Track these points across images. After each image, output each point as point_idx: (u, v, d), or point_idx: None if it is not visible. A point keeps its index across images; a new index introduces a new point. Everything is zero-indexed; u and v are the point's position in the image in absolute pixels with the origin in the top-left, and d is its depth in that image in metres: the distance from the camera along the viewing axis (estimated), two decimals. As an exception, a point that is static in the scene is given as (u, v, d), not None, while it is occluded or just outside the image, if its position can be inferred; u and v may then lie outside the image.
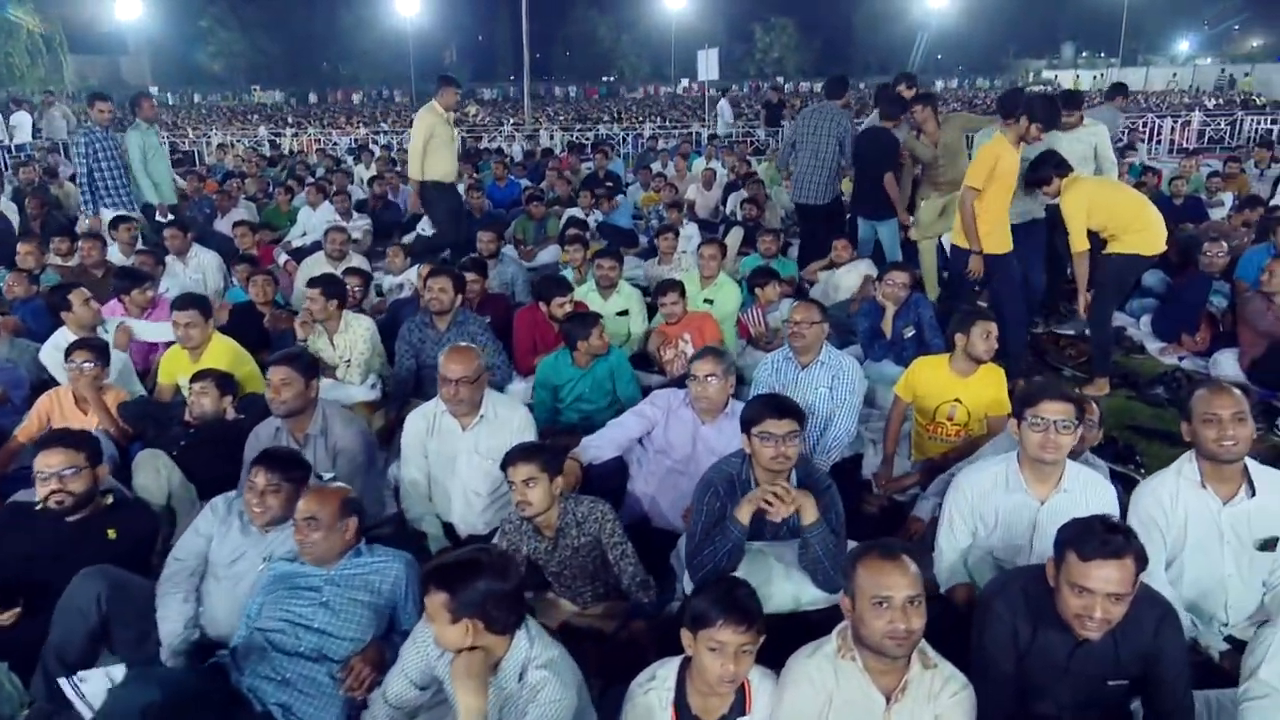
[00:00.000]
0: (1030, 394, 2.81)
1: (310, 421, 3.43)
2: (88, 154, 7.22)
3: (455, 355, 3.35)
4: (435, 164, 7.17)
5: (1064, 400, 2.73)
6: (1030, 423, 2.73)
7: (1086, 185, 5.08)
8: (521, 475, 2.75)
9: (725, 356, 3.48)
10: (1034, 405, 2.73)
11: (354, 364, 4.82)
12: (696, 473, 3.39)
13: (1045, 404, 2.71)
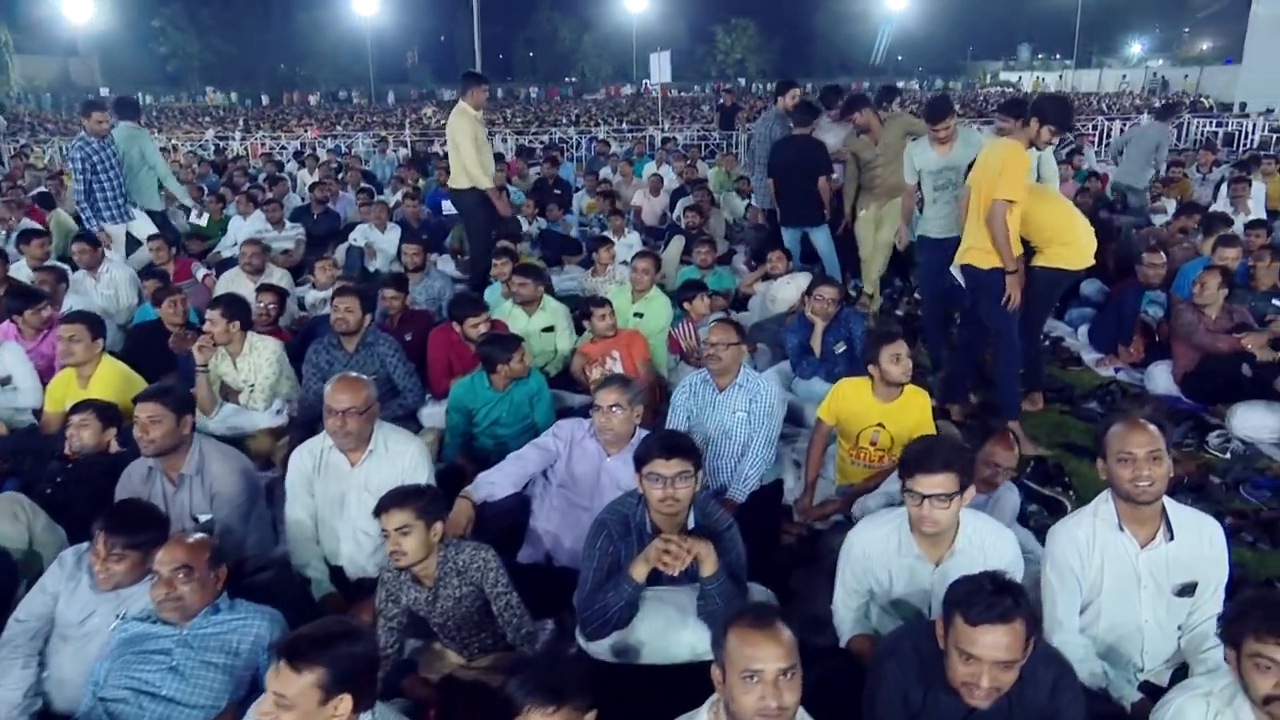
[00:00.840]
0: (908, 460, 2.56)
1: (185, 460, 3.20)
2: (84, 167, 6.92)
3: (343, 385, 3.13)
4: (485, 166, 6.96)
5: (943, 471, 2.47)
6: (909, 494, 2.52)
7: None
8: (395, 523, 2.55)
9: (631, 386, 3.30)
10: (910, 476, 2.51)
11: (258, 388, 4.57)
12: (600, 508, 3.23)
13: (920, 477, 2.48)
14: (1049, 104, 4.48)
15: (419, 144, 18.72)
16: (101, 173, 6.97)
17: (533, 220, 9.58)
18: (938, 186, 5.27)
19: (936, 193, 5.29)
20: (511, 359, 4.09)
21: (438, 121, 31.09)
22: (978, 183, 4.44)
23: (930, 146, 5.29)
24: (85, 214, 7.07)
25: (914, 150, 5.43)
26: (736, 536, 2.78)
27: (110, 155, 7.01)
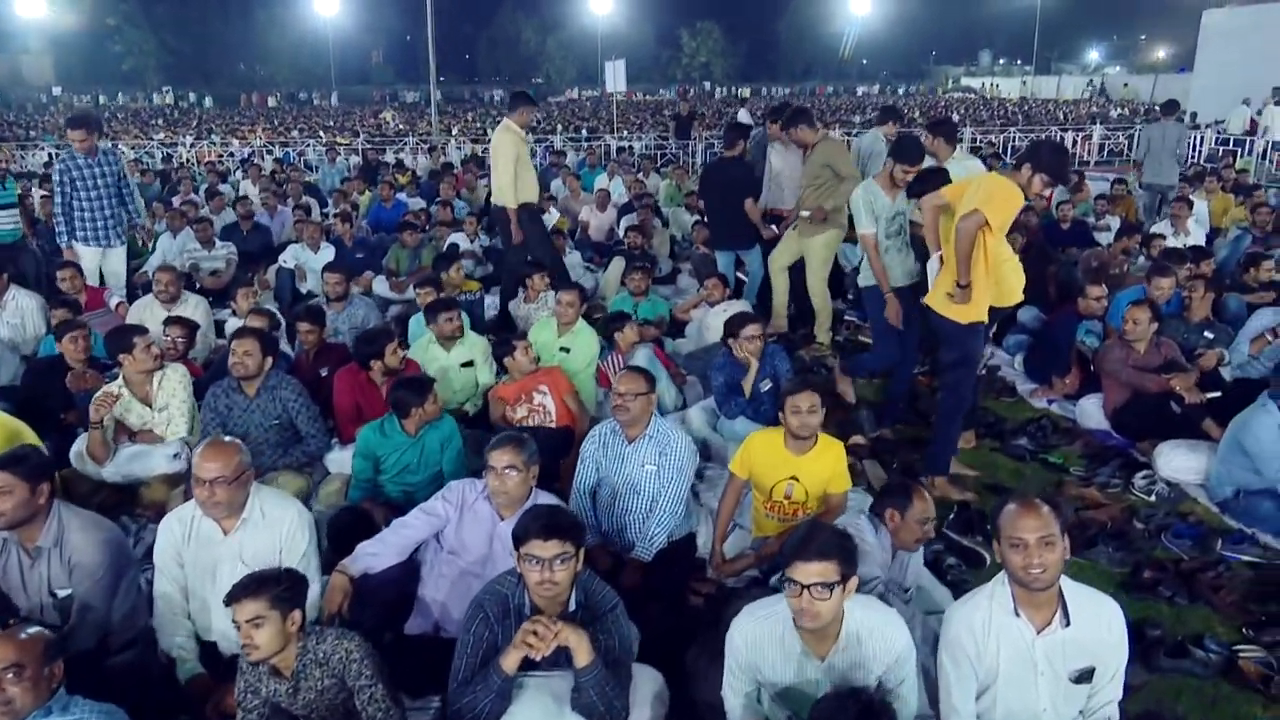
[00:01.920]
0: (788, 550, 2.41)
1: (42, 531, 2.98)
2: (63, 182, 6.57)
3: (211, 451, 2.94)
4: (525, 186, 6.87)
5: (821, 560, 2.33)
6: (788, 584, 2.37)
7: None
8: (246, 614, 2.37)
9: (527, 445, 3.13)
10: (788, 565, 2.36)
11: (177, 411, 4.40)
12: (493, 575, 3.05)
13: (799, 565, 2.33)
14: (1047, 153, 4.19)
15: (371, 152, 18.36)
16: (81, 190, 6.57)
17: (474, 238, 9.36)
18: (890, 234, 4.98)
19: (889, 240, 4.99)
20: (425, 401, 3.91)
21: (396, 126, 30.73)
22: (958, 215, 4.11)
23: (884, 190, 4.96)
24: (58, 229, 6.71)
25: (871, 194, 4.97)
26: (620, 618, 2.62)
27: (96, 175, 6.60)
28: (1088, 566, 3.75)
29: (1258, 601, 3.47)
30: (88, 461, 4.35)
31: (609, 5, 61.67)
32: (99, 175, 6.60)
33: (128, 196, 6.89)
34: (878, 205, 4.92)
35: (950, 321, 4.22)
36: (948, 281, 4.15)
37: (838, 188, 6.15)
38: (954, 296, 4.12)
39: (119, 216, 6.81)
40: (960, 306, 4.14)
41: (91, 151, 6.57)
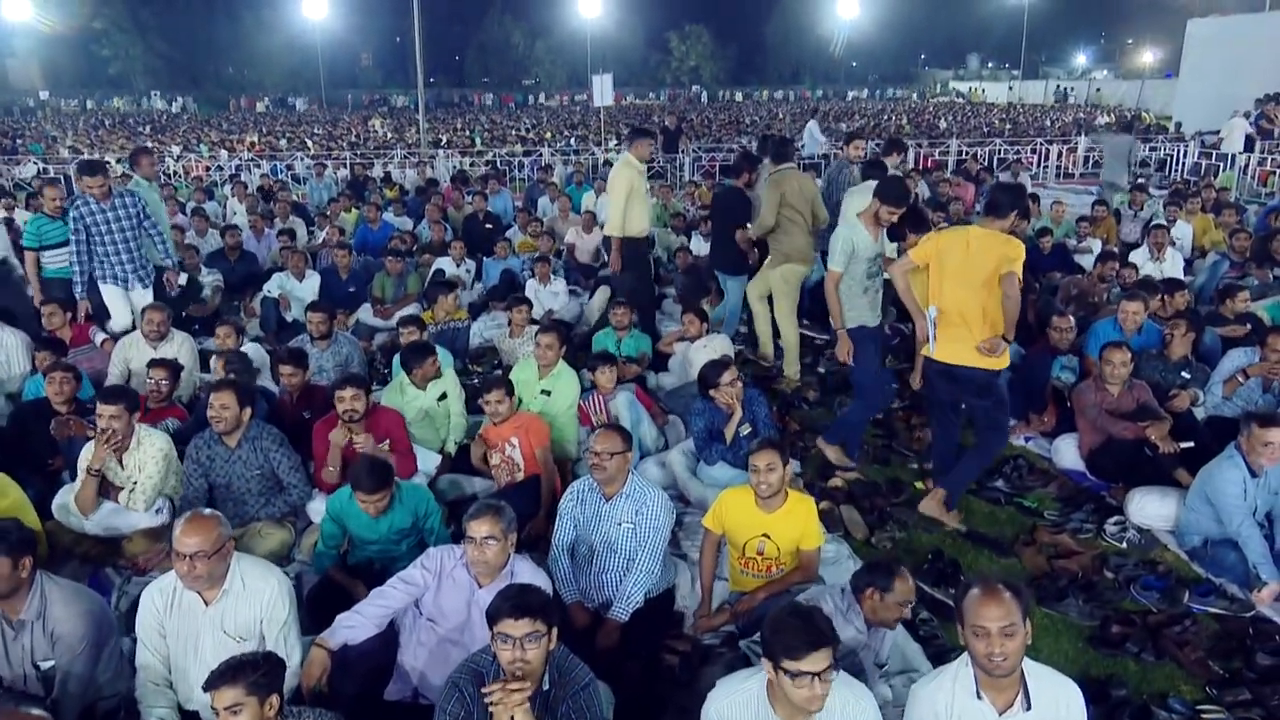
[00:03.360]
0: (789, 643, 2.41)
1: (25, 604, 3.01)
2: (78, 229, 6.49)
3: (190, 527, 2.97)
4: (634, 218, 6.93)
5: (824, 646, 2.39)
6: (795, 677, 2.38)
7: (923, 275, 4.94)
8: (225, 701, 2.41)
9: (505, 513, 3.18)
10: (795, 658, 2.38)
11: (140, 487, 4.37)
12: (471, 642, 3.13)
13: (808, 656, 2.37)
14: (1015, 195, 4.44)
15: (359, 166, 18.34)
16: (104, 236, 6.52)
17: (461, 261, 9.39)
18: (871, 274, 4.99)
19: (869, 280, 5.00)
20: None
21: (384, 135, 30.68)
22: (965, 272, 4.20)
23: (866, 228, 4.95)
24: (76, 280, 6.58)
25: (852, 232, 4.93)
26: (594, 696, 2.68)
27: (113, 220, 6.53)
28: (1058, 619, 3.83)
29: (1221, 658, 3.55)
30: (71, 513, 4.39)
31: (598, 9, 61.71)
32: (117, 219, 6.55)
33: (156, 237, 6.87)
34: (858, 243, 4.90)
35: (982, 371, 4.33)
36: (972, 335, 4.22)
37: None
38: (994, 350, 4.22)
39: (141, 259, 6.76)
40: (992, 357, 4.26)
41: (107, 196, 6.50)
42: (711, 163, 18.90)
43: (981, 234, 4.22)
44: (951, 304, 4.20)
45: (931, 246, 4.29)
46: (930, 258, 4.25)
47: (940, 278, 4.24)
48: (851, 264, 4.86)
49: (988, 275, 4.14)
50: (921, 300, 4.49)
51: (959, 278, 4.18)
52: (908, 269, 4.35)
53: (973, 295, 4.18)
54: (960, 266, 4.16)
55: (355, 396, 4.52)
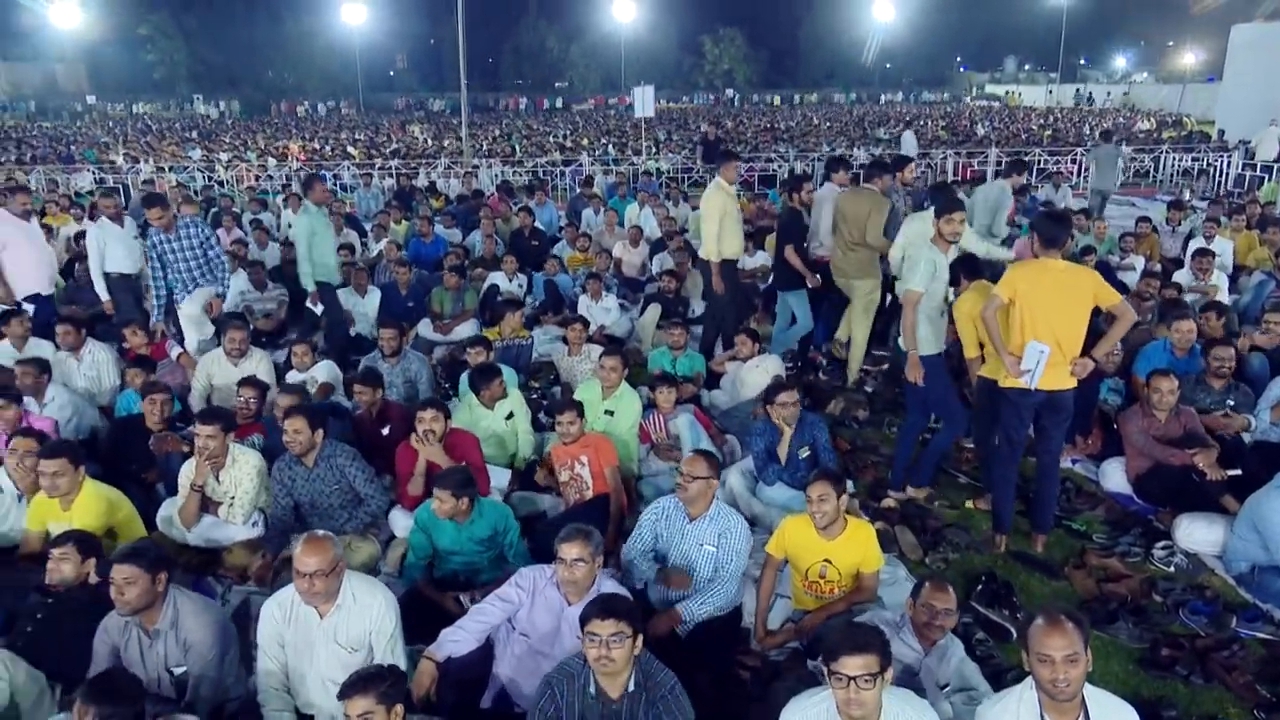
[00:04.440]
0: (831, 644, 2.69)
1: (160, 615, 3.32)
2: (152, 259, 7.01)
3: (310, 548, 3.26)
4: (729, 242, 7.23)
5: (864, 652, 2.62)
6: (834, 678, 2.66)
7: (972, 296, 5.12)
8: (358, 709, 2.69)
9: (593, 537, 3.44)
10: (834, 659, 2.65)
11: (238, 502, 4.69)
12: (561, 655, 3.38)
13: (845, 659, 2.62)
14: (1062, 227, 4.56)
15: (404, 176, 18.72)
16: (173, 262, 6.99)
17: (513, 276, 9.68)
18: (946, 298, 5.11)
19: (945, 304, 5.12)
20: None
21: (425, 143, 31.12)
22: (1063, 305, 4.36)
23: (939, 247, 5.03)
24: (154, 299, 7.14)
25: (934, 255, 4.98)
26: (680, 698, 2.95)
27: (178, 249, 6.97)
28: (1108, 642, 4.01)
29: (1269, 682, 3.70)
30: (174, 525, 4.72)
31: (632, 13, 62.11)
32: (182, 249, 6.96)
33: (216, 266, 7.21)
34: (941, 266, 5.01)
35: (1072, 390, 4.56)
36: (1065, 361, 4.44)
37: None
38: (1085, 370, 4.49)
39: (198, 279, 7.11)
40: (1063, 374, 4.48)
41: (170, 226, 6.90)
42: (750, 173, 19.07)
43: (1063, 267, 4.42)
44: (1048, 335, 4.37)
45: (1019, 282, 4.42)
46: (1016, 294, 4.41)
47: (1034, 313, 4.37)
48: (932, 286, 4.97)
49: (1085, 306, 4.37)
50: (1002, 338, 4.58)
51: (1058, 311, 4.35)
52: (1000, 306, 4.46)
53: (1072, 326, 4.39)
54: (1057, 300, 4.34)
55: (434, 418, 4.81)
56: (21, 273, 7.54)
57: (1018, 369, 4.43)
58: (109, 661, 3.34)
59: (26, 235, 7.64)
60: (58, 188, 17.90)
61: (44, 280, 7.75)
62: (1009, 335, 4.47)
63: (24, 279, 7.55)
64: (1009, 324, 4.47)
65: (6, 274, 7.48)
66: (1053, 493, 4.84)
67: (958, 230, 5.03)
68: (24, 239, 7.60)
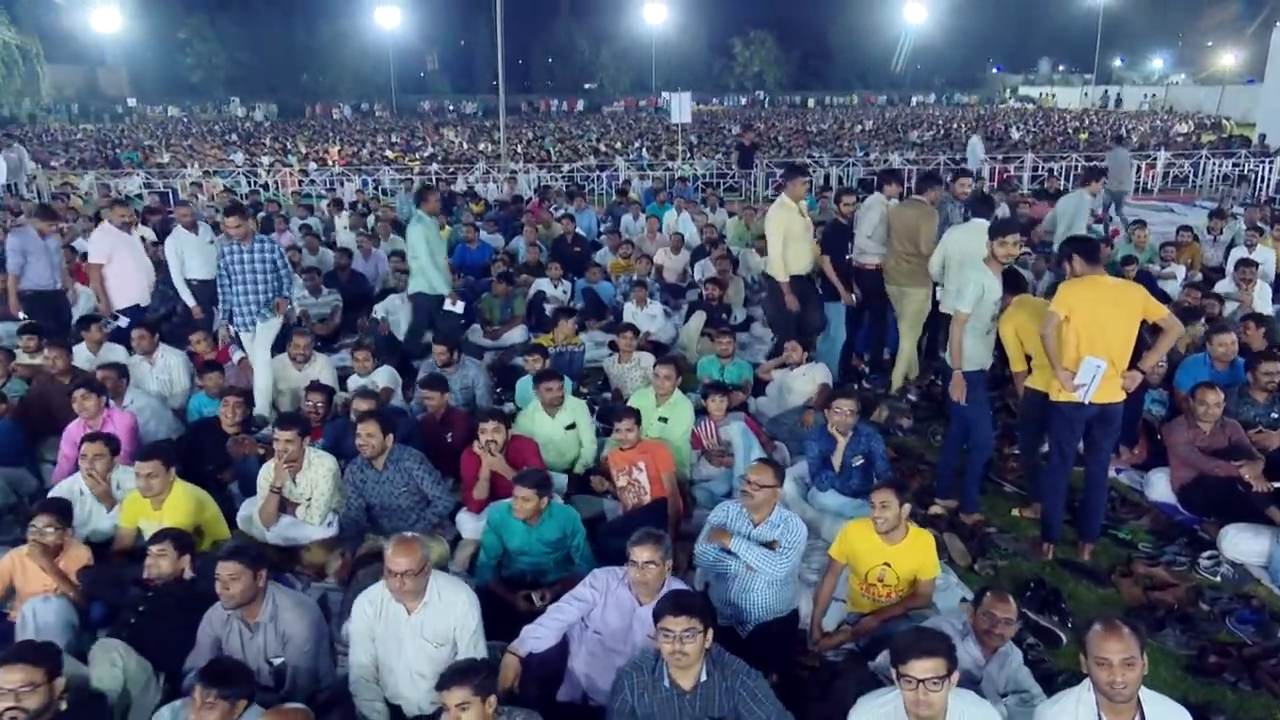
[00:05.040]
0: (900, 648, 2.86)
1: (260, 609, 3.56)
2: (220, 268, 6.81)
3: (401, 549, 3.48)
4: (795, 258, 7.11)
5: (933, 657, 2.78)
6: (903, 680, 2.82)
7: (1016, 312, 5.26)
8: (455, 699, 2.89)
9: (663, 541, 3.63)
10: (903, 662, 2.81)
11: (315, 503, 4.93)
12: (631, 651, 3.58)
13: (914, 663, 2.78)
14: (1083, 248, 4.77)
15: (443, 184, 19.00)
16: (238, 276, 6.69)
17: (558, 283, 9.89)
18: (994, 316, 5.20)
19: (993, 323, 5.21)
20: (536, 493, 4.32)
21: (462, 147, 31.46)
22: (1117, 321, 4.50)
23: (993, 270, 5.13)
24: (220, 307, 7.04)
25: (982, 276, 5.07)
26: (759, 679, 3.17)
27: (248, 262, 6.67)
28: (1156, 649, 4.13)
29: (1315, 689, 3.82)
30: (254, 524, 4.97)
31: (663, 15, 62.31)
32: (251, 264, 6.69)
33: (287, 284, 6.97)
34: (989, 288, 5.08)
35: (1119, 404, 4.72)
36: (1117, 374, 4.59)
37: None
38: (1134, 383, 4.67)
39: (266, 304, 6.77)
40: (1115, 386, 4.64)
41: (247, 237, 6.69)
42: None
43: (1113, 283, 4.62)
44: (1103, 350, 4.51)
45: (1073, 299, 4.56)
46: (1071, 311, 4.54)
47: (1090, 329, 4.51)
48: (979, 306, 5.09)
49: (1135, 321, 4.53)
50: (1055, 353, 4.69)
51: (1110, 326, 4.50)
52: (1058, 324, 4.58)
53: (1123, 340, 4.54)
54: (1110, 316, 4.49)
55: (496, 429, 5.03)
56: (123, 285, 7.72)
57: (1072, 383, 4.56)
58: (211, 652, 3.59)
59: (129, 248, 7.83)
60: (109, 192, 18.39)
61: (144, 292, 7.93)
62: (1063, 351, 4.60)
63: (125, 291, 7.73)
64: (1062, 340, 4.60)
65: (109, 286, 7.65)
66: (1101, 502, 4.96)
67: (1012, 253, 5.13)
68: (127, 251, 7.78)
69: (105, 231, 7.79)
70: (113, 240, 7.68)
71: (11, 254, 7.86)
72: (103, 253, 7.64)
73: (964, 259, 6.20)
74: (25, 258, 7.70)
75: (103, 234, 7.79)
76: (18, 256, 7.75)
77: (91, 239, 7.95)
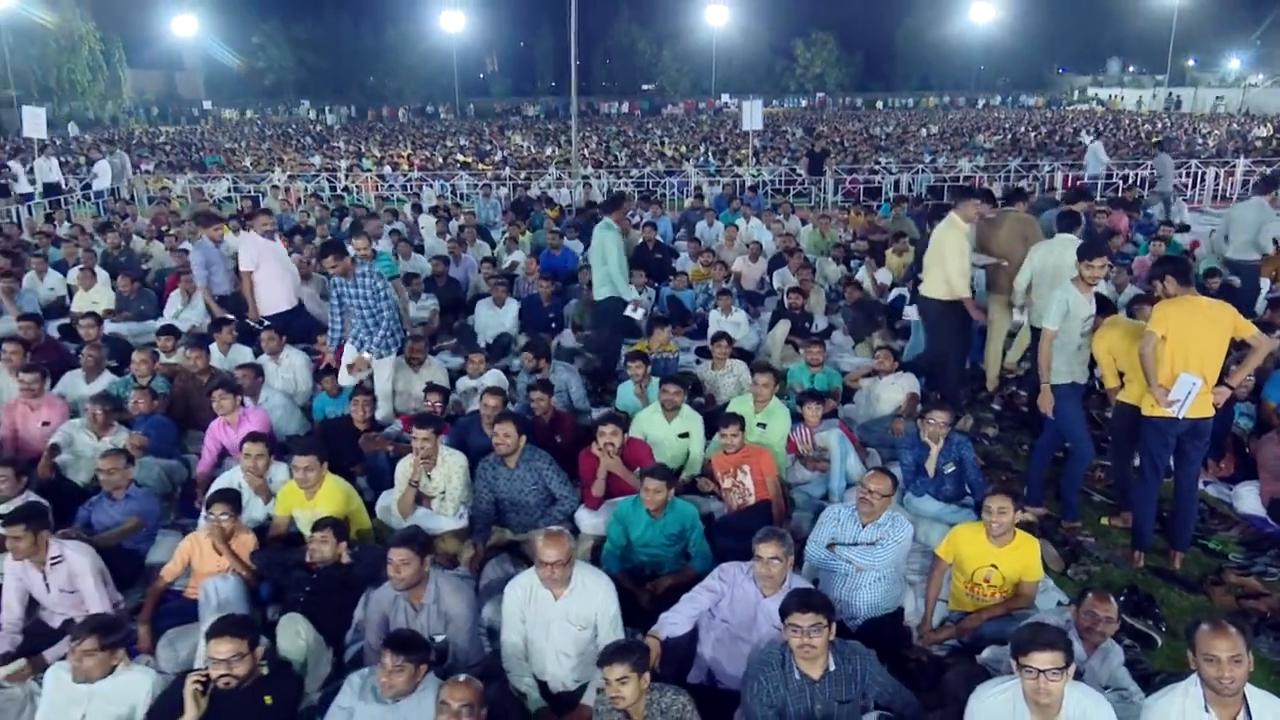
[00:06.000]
0: (1022, 641, 3.14)
1: (425, 591, 3.98)
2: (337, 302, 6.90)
3: (551, 542, 3.86)
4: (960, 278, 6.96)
5: (1052, 649, 3.06)
6: (1024, 670, 3.11)
7: (1108, 331, 5.47)
8: (616, 674, 3.27)
9: (786, 539, 3.96)
10: (1025, 654, 3.10)
11: (448, 497, 5.37)
12: (758, 640, 3.92)
13: (1035, 654, 3.06)
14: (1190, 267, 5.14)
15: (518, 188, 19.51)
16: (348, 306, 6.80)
17: (643, 290, 10.26)
18: (1084, 333, 5.43)
19: (1083, 339, 5.44)
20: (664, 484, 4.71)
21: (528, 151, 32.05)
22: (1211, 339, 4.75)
23: (1082, 293, 5.38)
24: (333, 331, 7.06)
25: (1067, 294, 5.38)
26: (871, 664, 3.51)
27: (354, 294, 6.73)
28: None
29: None
30: (392, 515, 5.42)
31: (725, 17, 62.51)
32: (358, 295, 6.74)
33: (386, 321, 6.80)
34: (1073, 306, 5.35)
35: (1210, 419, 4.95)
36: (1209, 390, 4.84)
37: None
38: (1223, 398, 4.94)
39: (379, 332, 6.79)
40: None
41: (348, 273, 6.75)
42: (853, 183, 19.35)
43: (1207, 303, 4.86)
44: (1197, 367, 4.75)
45: (1170, 319, 4.80)
46: (1168, 330, 4.78)
47: (1185, 347, 4.76)
48: (1066, 323, 5.35)
49: (1226, 338, 4.79)
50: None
51: (1205, 344, 4.75)
52: (1156, 343, 4.82)
53: (1215, 358, 4.79)
54: (1204, 334, 4.74)
55: (614, 432, 5.41)
56: (271, 292, 8.10)
57: (1167, 399, 4.79)
58: (380, 628, 4.02)
59: (275, 255, 8.22)
60: (203, 195, 19.32)
61: (291, 297, 8.32)
62: (1159, 368, 4.83)
63: (273, 298, 8.11)
64: (1158, 357, 4.83)
65: (258, 293, 8.07)
66: (1191, 513, 5.17)
67: (1098, 275, 5.37)
68: (273, 259, 8.16)
69: (252, 240, 8.19)
70: (259, 248, 8.08)
71: (197, 268, 8.47)
72: (251, 260, 8.02)
73: (1053, 274, 6.43)
74: (209, 269, 8.27)
75: (250, 242, 8.16)
76: (202, 269, 8.30)
77: (241, 247, 8.40)
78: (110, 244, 12.02)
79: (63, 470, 5.94)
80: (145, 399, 6.35)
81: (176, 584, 4.82)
